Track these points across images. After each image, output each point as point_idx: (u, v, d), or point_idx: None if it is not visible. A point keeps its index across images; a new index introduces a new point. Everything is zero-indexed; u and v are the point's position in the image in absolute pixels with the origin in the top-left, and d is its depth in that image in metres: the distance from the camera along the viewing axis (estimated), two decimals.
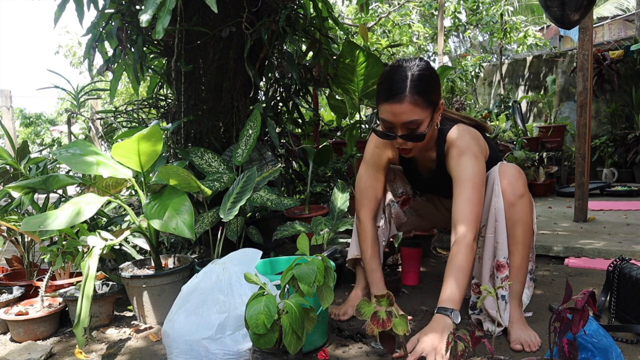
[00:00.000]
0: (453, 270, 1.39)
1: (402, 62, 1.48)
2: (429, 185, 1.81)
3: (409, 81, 1.42)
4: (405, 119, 1.43)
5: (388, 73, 1.48)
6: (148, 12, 1.78)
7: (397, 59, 1.57)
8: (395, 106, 1.42)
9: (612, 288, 1.59)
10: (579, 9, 2.04)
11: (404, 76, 1.43)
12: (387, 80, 1.46)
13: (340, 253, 2.08)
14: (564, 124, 5.53)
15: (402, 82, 1.42)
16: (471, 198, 1.44)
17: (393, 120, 1.45)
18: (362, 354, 1.43)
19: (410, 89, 1.41)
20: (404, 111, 1.42)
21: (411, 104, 1.41)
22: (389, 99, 1.43)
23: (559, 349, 0.95)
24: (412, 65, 1.45)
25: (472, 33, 11.01)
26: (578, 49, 3.09)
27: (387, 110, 1.45)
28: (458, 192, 1.48)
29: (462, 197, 1.46)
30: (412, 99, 1.41)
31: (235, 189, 2.00)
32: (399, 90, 1.42)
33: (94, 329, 1.74)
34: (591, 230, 2.97)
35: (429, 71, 1.46)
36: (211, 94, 2.52)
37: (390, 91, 1.43)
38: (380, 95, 1.47)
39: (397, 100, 1.42)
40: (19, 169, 2.09)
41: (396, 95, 1.42)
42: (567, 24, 2.12)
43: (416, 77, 1.42)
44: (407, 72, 1.43)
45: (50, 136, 11.73)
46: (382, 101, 1.46)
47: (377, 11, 8.71)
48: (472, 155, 1.50)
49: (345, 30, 5.19)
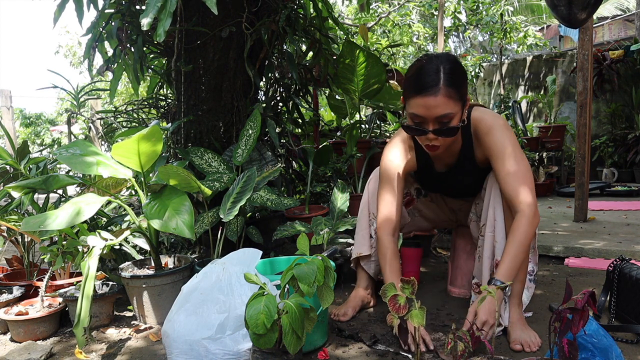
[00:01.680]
0: (512, 244, 1.39)
1: (432, 56, 1.44)
2: (441, 183, 1.77)
3: (442, 74, 1.38)
4: (438, 112, 1.39)
5: (418, 66, 1.43)
6: (149, 15, 1.78)
7: (425, 54, 1.51)
8: (429, 99, 1.38)
9: (612, 288, 1.59)
10: (586, 7, 2.04)
11: (436, 69, 1.38)
12: (419, 74, 1.41)
13: (340, 253, 2.08)
14: (564, 124, 5.53)
15: (435, 75, 1.38)
16: (517, 169, 1.44)
17: (425, 114, 1.41)
18: (362, 354, 1.43)
19: (444, 81, 1.37)
20: (437, 104, 1.38)
21: (445, 97, 1.37)
22: (422, 91, 1.38)
23: (559, 349, 0.95)
24: (443, 58, 1.41)
25: (472, 33, 11.01)
26: (578, 49, 3.09)
27: (419, 103, 1.40)
28: (500, 167, 1.46)
29: (507, 171, 1.44)
30: (446, 92, 1.37)
31: (235, 189, 2.00)
32: (433, 83, 1.37)
33: (94, 329, 1.74)
34: (591, 230, 2.97)
35: (459, 64, 1.43)
36: (211, 94, 2.52)
37: (423, 84, 1.38)
38: (411, 88, 1.42)
39: (431, 92, 1.37)
40: (19, 169, 2.09)
41: (430, 88, 1.37)
42: (575, 22, 2.11)
43: (448, 70, 1.38)
44: (439, 65, 1.39)
45: (50, 136, 11.73)
46: (413, 95, 1.41)
47: (377, 11, 8.71)
48: (502, 126, 1.49)
49: (345, 30, 5.19)
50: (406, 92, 1.46)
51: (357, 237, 1.84)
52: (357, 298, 1.79)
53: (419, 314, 1.16)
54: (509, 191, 1.45)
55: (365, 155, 3.20)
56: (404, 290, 1.19)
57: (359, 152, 3.16)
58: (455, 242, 2.03)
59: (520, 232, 1.39)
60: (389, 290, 1.22)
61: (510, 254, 1.38)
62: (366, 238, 1.80)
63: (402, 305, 1.17)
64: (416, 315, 1.15)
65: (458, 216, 1.94)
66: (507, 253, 1.39)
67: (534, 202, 1.42)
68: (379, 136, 3.95)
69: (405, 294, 1.19)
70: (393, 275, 1.58)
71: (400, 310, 1.17)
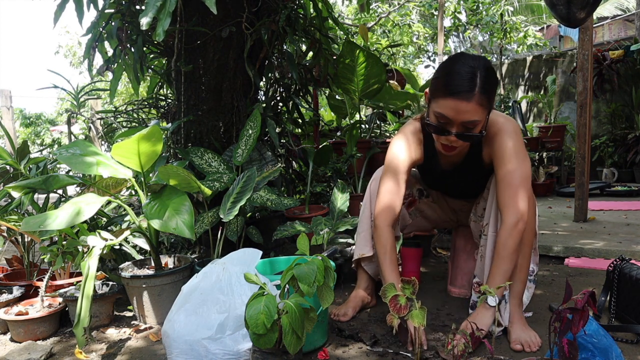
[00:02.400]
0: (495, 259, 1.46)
1: (469, 58, 1.39)
2: (445, 181, 1.77)
3: (479, 79, 1.34)
4: (467, 118, 1.37)
5: (454, 66, 1.39)
6: (148, 14, 1.78)
7: (460, 53, 1.48)
8: (461, 104, 1.35)
9: (612, 288, 1.59)
10: (585, 6, 2.03)
11: (474, 73, 1.35)
12: (454, 74, 1.37)
13: (340, 253, 2.08)
14: (564, 124, 5.53)
15: (472, 80, 1.34)
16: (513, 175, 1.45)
17: (453, 117, 1.38)
18: (362, 354, 1.43)
19: (480, 88, 1.34)
20: (468, 110, 1.36)
21: (477, 104, 1.35)
22: (456, 95, 1.35)
23: (559, 349, 0.95)
24: (480, 63, 1.37)
25: (472, 33, 11.01)
26: (578, 49, 3.09)
27: (449, 105, 1.37)
28: (498, 170, 1.48)
29: (502, 176, 1.47)
30: (479, 99, 1.35)
31: (235, 189, 2.00)
32: (469, 88, 1.34)
33: (94, 329, 1.74)
34: (591, 230, 2.97)
35: (494, 72, 1.40)
36: (211, 94, 2.52)
37: (458, 87, 1.35)
38: (444, 88, 1.38)
39: (465, 97, 1.34)
40: (19, 169, 2.10)
41: (465, 93, 1.34)
42: (574, 22, 2.11)
43: (484, 77, 1.35)
44: (476, 70, 1.35)
45: (50, 136, 11.73)
46: (444, 95, 1.38)
47: (377, 11, 8.72)
48: (511, 130, 1.48)
49: (345, 30, 5.19)
50: (436, 90, 1.41)
51: (358, 237, 1.84)
52: (357, 298, 1.79)
53: (420, 314, 1.16)
54: (499, 198, 1.49)
55: (365, 155, 3.20)
56: (405, 290, 1.20)
57: (359, 152, 3.16)
58: (455, 242, 2.03)
59: (500, 245, 1.44)
60: (389, 290, 1.22)
61: (495, 267, 1.44)
62: (368, 239, 1.80)
63: (403, 305, 1.17)
64: (417, 316, 1.16)
65: (459, 216, 1.94)
66: (493, 267, 1.45)
67: (521, 210, 1.43)
68: (379, 136, 3.95)
69: (405, 294, 1.19)
70: (392, 271, 1.57)
71: (401, 310, 1.17)
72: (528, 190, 1.47)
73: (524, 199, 1.45)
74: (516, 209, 1.44)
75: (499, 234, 1.46)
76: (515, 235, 1.43)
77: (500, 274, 1.43)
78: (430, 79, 1.49)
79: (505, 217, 1.45)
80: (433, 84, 1.45)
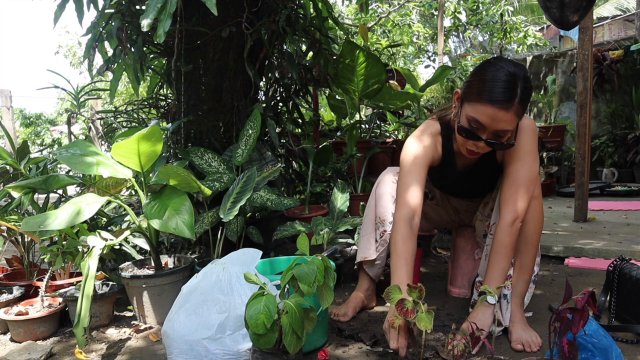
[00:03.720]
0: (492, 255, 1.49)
1: (511, 65, 1.35)
2: (457, 182, 1.74)
3: (519, 90, 1.32)
4: (502, 127, 1.35)
5: (496, 73, 1.34)
6: (149, 16, 1.78)
7: (498, 56, 1.45)
8: (500, 112, 1.32)
9: (612, 288, 1.59)
10: (578, 10, 2.05)
11: (515, 83, 1.32)
12: (496, 81, 1.33)
13: (340, 253, 2.07)
14: (564, 124, 5.53)
15: (514, 90, 1.32)
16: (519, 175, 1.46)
17: (488, 124, 1.35)
18: (362, 354, 1.43)
19: (520, 98, 1.32)
20: (506, 119, 1.33)
21: (514, 115, 1.33)
22: (496, 103, 1.32)
23: (559, 349, 0.95)
24: (521, 73, 1.34)
25: (472, 33, 11.01)
26: (578, 49, 3.09)
27: (486, 112, 1.34)
28: (506, 168, 1.49)
29: (508, 174, 1.48)
30: (517, 110, 1.33)
31: (235, 189, 2.00)
32: (510, 97, 1.31)
33: (94, 329, 1.74)
34: (591, 230, 2.97)
35: (531, 81, 1.38)
36: (211, 94, 2.52)
37: (499, 95, 1.32)
38: (483, 94, 1.34)
39: (504, 106, 1.32)
40: (19, 169, 2.09)
41: (506, 102, 1.31)
42: (566, 25, 2.12)
43: (524, 87, 1.33)
44: (518, 80, 1.32)
45: (50, 136, 11.73)
46: (483, 101, 1.34)
47: (377, 11, 8.72)
48: (526, 128, 1.48)
49: (345, 30, 5.19)
50: (474, 94, 1.37)
51: (361, 240, 1.81)
52: (357, 298, 1.78)
53: (427, 317, 1.16)
54: (501, 194, 1.50)
55: (365, 155, 3.20)
56: (412, 294, 1.19)
57: (359, 152, 3.16)
58: (455, 242, 2.03)
59: (497, 242, 1.46)
60: (394, 293, 1.21)
61: (494, 265, 1.46)
62: (371, 242, 1.77)
63: (410, 309, 1.17)
64: (423, 319, 1.15)
65: (461, 216, 1.94)
66: (491, 266, 1.47)
67: (518, 209, 1.45)
68: (379, 136, 3.95)
69: (412, 297, 1.19)
70: (403, 272, 1.44)
71: (408, 314, 1.16)
72: (532, 191, 1.47)
73: (524, 198, 1.45)
74: (514, 207, 1.44)
75: (496, 231, 1.47)
76: (513, 233, 1.44)
77: (499, 272, 1.43)
78: (466, 80, 1.44)
79: (503, 215, 1.46)
80: (470, 86, 1.41)
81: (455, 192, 1.84)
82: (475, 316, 1.43)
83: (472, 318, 1.41)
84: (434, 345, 1.45)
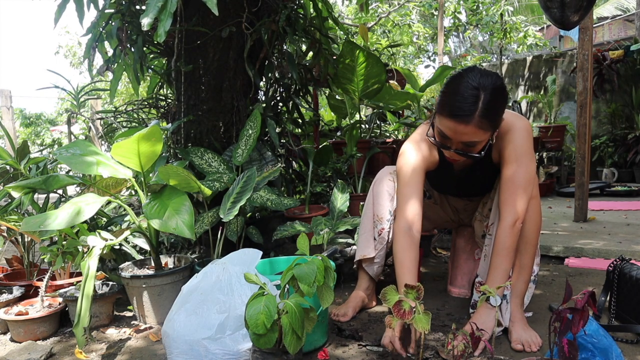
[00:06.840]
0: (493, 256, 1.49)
1: (477, 77, 1.35)
2: (455, 183, 1.75)
3: (481, 104, 1.32)
4: (465, 139, 1.38)
5: (458, 85, 1.36)
6: (149, 15, 1.78)
7: (470, 66, 1.45)
8: (459, 126, 1.35)
9: (612, 288, 1.59)
10: (579, 10, 2.05)
11: (476, 96, 1.32)
12: (456, 95, 1.35)
13: (340, 253, 2.07)
14: (564, 124, 5.54)
15: (472, 104, 1.32)
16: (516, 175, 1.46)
17: (452, 136, 1.39)
18: (362, 354, 1.43)
19: (480, 112, 1.32)
20: (467, 132, 1.35)
21: (476, 127, 1.34)
22: (454, 117, 1.35)
23: (559, 349, 0.95)
24: (487, 84, 1.33)
25: (472, 33, 11.02)
26: (578, 49, 3.09)
27: (448, 125, 1.38)
28: (504, 169, 1.48)
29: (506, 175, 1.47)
30: (478, 123, 1.33)
31: (235, 189, 2.00)
32: (468, 112, 1.32)
33: (94, 329, 1.74)
34: (591, 230, 2.97)
35: (502, 93, 1.37)
36: (211, 94, 2.52)
37: (457, 109, 1.34)
38: (445, 107, 1.37)
39: (464, 120, 1.33)
40: (19, 169, 2.09)
41: (463, 117, 1.33)
42: (567, 25, 2.13)
43: (488, 101, 1.32)
44: (481, 93, 1.32)
45: (50, 136, 11.73)
46: (445, 114, 1.37)
47: (377, 11, 8.72)
48: (521, 129, 1.48)
49: (345, 30, 5.19)
50: (440, 106, 1.40)
51: (360, 239, 1.82)
52: (357, 298, 1.79)
53: (424, 318, 1.15)
54: (500, 196, 1.50)
55: (365, 155, 3.20)
56: (408, 295, 1.19)
57: (359, 152, 3.16)
58: (455, 242, 2.03)
59: (499, 244, 1.45)
60: (390, 294, 1.21)
61: (495, 266, 1.45)
62: (370, 240, 1.78)
63: (407, 311, 1.17)
64: (420, 320, 1.15)
65: (461, 216, 1.94)
66: (492, 267, 1.46)
67: (518, 210, 1.45)
68: (379, 136, 3.95)
69: (409, 297, 1.19)
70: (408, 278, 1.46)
71: (405, 316, 1.16)
72: (530, 191, 1.47)
73: (523, 200, 1.45)
74: (514, 208, 1.44)
75: (497, 232, 1.47)
76: (514, 234, 1.44)
77: (501, 273, 1.43)
78: (439, 92, 1.48)
79: (503, 216, 1.46)
80: (439, 98, 1.44)
81: (453, 191, 1.85)
82: (477, 318, 1.43)
83: (475, 320, 1.41)
84: (433, 345, 1.45)
